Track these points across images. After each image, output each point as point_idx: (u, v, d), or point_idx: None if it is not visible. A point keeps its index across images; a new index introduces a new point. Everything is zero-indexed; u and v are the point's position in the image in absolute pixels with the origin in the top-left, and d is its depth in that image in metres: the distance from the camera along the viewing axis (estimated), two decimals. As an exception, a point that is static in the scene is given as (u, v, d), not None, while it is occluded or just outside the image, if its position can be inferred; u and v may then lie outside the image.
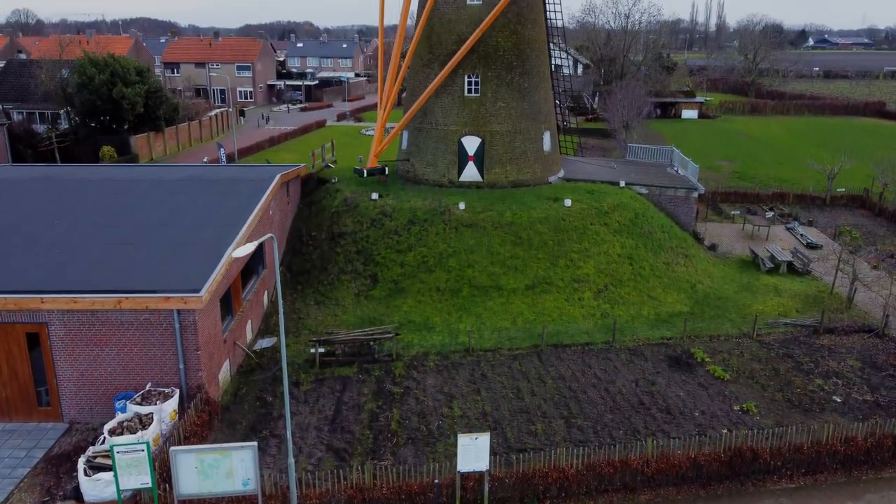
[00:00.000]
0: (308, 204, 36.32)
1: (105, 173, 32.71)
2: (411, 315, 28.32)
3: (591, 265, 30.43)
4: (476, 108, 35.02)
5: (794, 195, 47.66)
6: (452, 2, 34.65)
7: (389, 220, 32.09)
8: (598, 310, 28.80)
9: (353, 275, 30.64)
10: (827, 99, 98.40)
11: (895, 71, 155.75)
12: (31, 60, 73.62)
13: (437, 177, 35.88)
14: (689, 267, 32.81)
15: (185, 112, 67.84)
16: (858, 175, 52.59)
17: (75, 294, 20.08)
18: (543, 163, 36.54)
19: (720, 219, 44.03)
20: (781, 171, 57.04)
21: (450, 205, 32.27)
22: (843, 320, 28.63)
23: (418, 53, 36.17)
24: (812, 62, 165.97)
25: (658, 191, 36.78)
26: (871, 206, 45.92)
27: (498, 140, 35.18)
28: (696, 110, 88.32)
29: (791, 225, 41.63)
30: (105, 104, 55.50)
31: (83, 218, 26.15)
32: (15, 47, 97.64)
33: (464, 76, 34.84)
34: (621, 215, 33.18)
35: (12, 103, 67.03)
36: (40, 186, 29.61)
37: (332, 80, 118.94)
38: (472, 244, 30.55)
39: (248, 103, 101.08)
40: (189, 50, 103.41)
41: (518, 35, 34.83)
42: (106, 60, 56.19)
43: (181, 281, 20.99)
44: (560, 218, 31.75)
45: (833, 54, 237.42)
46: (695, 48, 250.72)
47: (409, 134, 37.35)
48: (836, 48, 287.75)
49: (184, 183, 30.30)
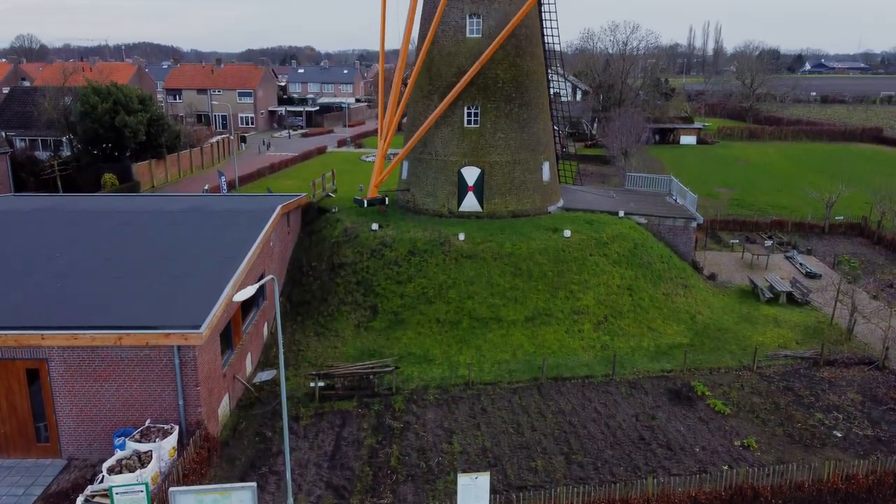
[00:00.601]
0: (308, 233, 36.46)
1: (107, 204, 32.89)
2: (411, 347, 28.32)
3: (591, 296, 30.48)
4: (476, 139, 35.30)
5: (793, 223, 47.83)
6: (452, 35, 35.09)
7: (389, 250, 32.20)
8: (598, 342, 28.80)
9: (353, 306, 30.67)
10: (824, 125, 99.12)
11: (892, 95, 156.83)
12: (35, 88, 74.37)
13: (436, 207, 36.07)
14: (689, 297, 32.86)
15: (186, 139, 68.35)
16: (857, 202, 52.87)
17: (76, 330, 20.11)
18: (543, 193, 36.74)
19: (719, 247, 44.15)
20: (780, 198, 57.29)
21: (450, 235, 32.39)
22: (843, 352, 28.62)
23: (418, 85, 36.53)
24: (809, 87, 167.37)
25: (657, 220, 36.93)
26: (869, 234, 46.05)
27: (497, 170, 35.42)
28: (694, 136, 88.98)
29: (790, 254, 41.73)
30: (107, 132, 55.94)
31: (85, 250, 26.24)
32: (19, 74, 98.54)
33: (463, 107, 35.17)
34: (620, 246, 33.29)
35: (15, 130, 67.62)
36: (42, 218, 29.77)
37: (333, 105, 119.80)
38: (472, 275, 30.62)
39: (249, 129, 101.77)
40: (191, 76, 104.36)
41: (517, 67, 35.22)
42: (109, 89, 56.76)
43: (182, 316, 21.02)
44: (559, 249, 31.86)
45: (830, 79, 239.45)
46: (692, 72, 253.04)
47: (409, 164, 37.60)
48: (832, 73, 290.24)
49: (185, 214, 30.47)
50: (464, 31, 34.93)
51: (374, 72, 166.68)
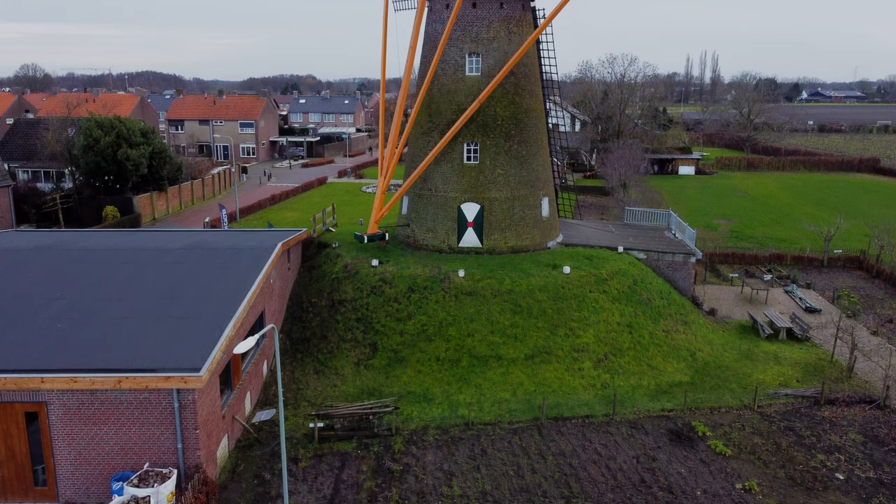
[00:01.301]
0: (308, 269, 36.55)
1: (108, 241, 32.99)
2: (411, 386, 28.26)
3: (591, 334, 30.48)
4: (475, 176, 35.55)
5: (792, 256, 47.94)
6: (452, 73, 35.52)
7: (389, 287, 32.26)
8: (599, 380, 28.74)
9: (353, 343, 30.66)
10: (822, 155, 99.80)
11: (888, 125, 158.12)
12: (38, 120, 74.94)
13: (436, 242, 36.21)
14: (689, 334, 32.85)
15: (188, 171, 68.76)
16: (855, 235, 53.11)
17: (75, 373, 20.12)
18: (542, 228, 36.91)
19: (719, 281, 44.22)
20: (778, 230, 57.49)
21: (449, 272, 32.48)
22: (843, 390, 28.55)
23: (418, 122, 36.89)
24: (806, 116, 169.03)
25: (656, 256, 37.04)
26: (868, 267, 46.15)
27: (497, 207, 35.62)
28: (692, 166, 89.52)
29: (789, 288, 41.79)
30: (110, 165, 56.31)
31: (86, 290, 26.30)
32: (23, 106, 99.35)
33: (463, 144, 35.48)
34: (620, 282, 33.37)
35: (18, 162, 68.08)
36: (44, 256, 29.89)
37: (334, 135, 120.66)
38: (472, 313, 30.65)
39: (250, 159, 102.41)
40: (193, 107, 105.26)
41: (516, 105, 35.59)
42: (112, 122, 57.25)
43: (181, 358, 21.04)
44: (559, 286, 31.93)
45: (827, 107, 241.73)
46: (690, 101, 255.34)
47: (409, 200, 37.82)
48: (829, 101, 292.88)
49: (185, 252, 30.57)
50: (463, 69, 35.37)
51: (374, 101, 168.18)
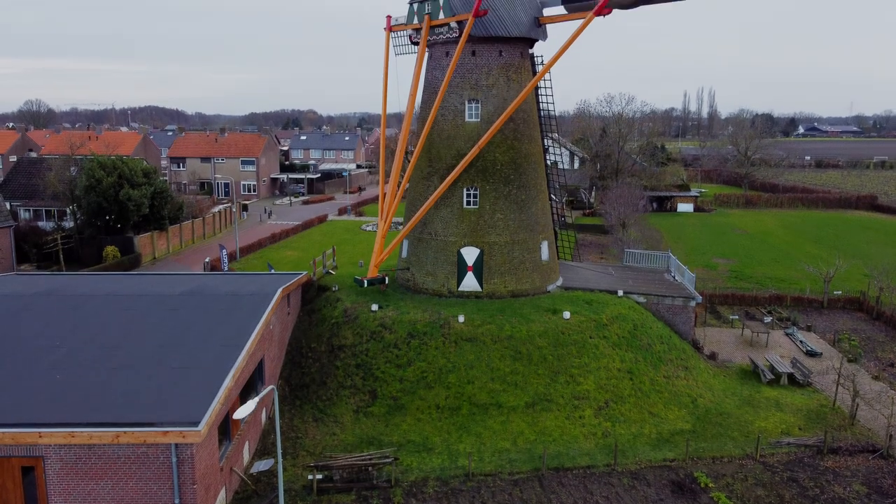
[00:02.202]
0: (308, 312, 36.52)
1: (107, 286, 33.03)
2: (410, 434, 28.06)
3: (592, 381, 30.35)
4: (475, 220, 35.74)
5: (792, 297, 47.93)
6: (451, 119, 35.93)
7: (389, 332, 32.21)
8: (600, 428, 28.54)
9: (353, 390, 30.51)
10: (820, 192, 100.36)
11: (885, 160, 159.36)
12: (41, 158, 75.58)
13: (436, 286, 36.24)
14: (690, 380, 32.72)
15: (188, 210, 69.08)
16: (854, 275, 53.15)
17: (73, 428, 20.02)
18: (542, 272, 36.98)
19: (719, 323, 44.15)
20: (778, 269, 57.56)
21: (449, 317, 32.45)
22: (846, 439, 28.35)
23: (418, 166, 37.21)
24: (803, 151, 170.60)
25: (656, 300, 37.05)
26: (868, 309, 46.11)
27: (496, 251, 35.74)
28: (691, 204, 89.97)
29: (790, 330, 41.72)
30: (111, 205, 56.63)
31: (85, 339, 26.28)
32: (26, 144, 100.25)
33: (463, 189, 35.73)
34: (620, 327, 33.33)
35: (20, 200, 68.50)
36: (43, 303, 29.91)
37: (334, 172, 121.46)
38: (472, 359, 30.57)
39: (251, 196, 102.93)
40: (195, 145, 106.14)
41: (515, 150, 35.93)
42: (114, 162, 57.72)
43: (180, 411, 20.95)
44: (559, 331, 31.88)
45: (823, 142, 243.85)
46: (688, 136, 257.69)
47: (409, 243, 37.96)
48: (826, 136, 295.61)
49: (185, 298, 30.60)
50: (463, 115, 35.79)
51: (375, 136, 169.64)
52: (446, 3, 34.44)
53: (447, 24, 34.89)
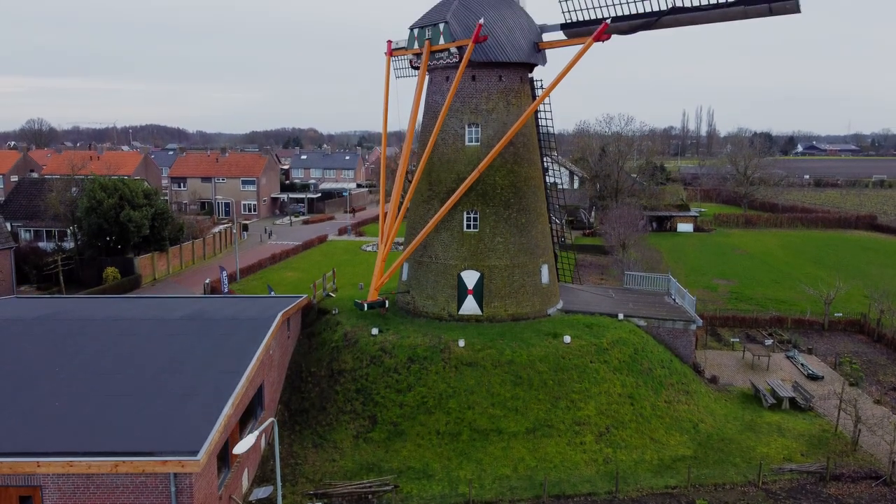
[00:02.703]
0: (308, 336, 36.45)
1: (107, 310, 32.99)
2: (410, 460, 27.89)
3: (592, 406, 30.22)
4: (475, 244, 35.76)
5: (793, 319, 47.86)
6: (452, 143, 36.07)
7: (389, 357, 32.12)
8: (601, 454, 28.38)
9: (352, 415, 30.38)
10: (819, 211, 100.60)
11: (883, 179, 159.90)
12: (42, 179, 75.78)
13: (436, 310, 36.19)
14: (691, 405, 32.58)
15: (189, 230, 69.18)
16: (855, 296, 53.12)
17: (72, 457, 19.92)
18: (542, 295, 36.95)
19: (720, 346, 44.05)
20: (778, 291, 57.54)
21: (450, 341, 32.37)
22: (849, 465, 28.17)
23: (419, 190, 37.30)
24: (802, 169, 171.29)
25: (657, 323, 36.98)
26: (869, 331, 46.03)
27: (497, 274, 35.73)
28: (691, 224, 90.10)
29: (791, 353, 41.61)
30: (112, 227, 56.72)
31: (84, 365, 26.22)
32: (28, 164, 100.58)
33: (463, 212, 35.79)
34: (621, 351, 33.24)
35: (21, 221, 68.66)
36: (43, 328, 29.86)
37: (334, 191, 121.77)
38: (472, 384, 30.46)
39: (251, 216, 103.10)
40: (196, 165, 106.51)
41: (515, 174, 36.04)
42: (115, 184, 57.90)
43: (179, 440, 20.84)
44: (560, 356, 31.80)
45: (822, 161, 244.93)
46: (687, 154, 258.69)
47: (409, 266, 37.96)
48: (824, 154, 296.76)
49: (185, 323, 30.56)
50: (463, 139, 35.94)
51: (375, 155, 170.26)
52: (446, 29, 34.72)
53: (447, 50, 35.14)
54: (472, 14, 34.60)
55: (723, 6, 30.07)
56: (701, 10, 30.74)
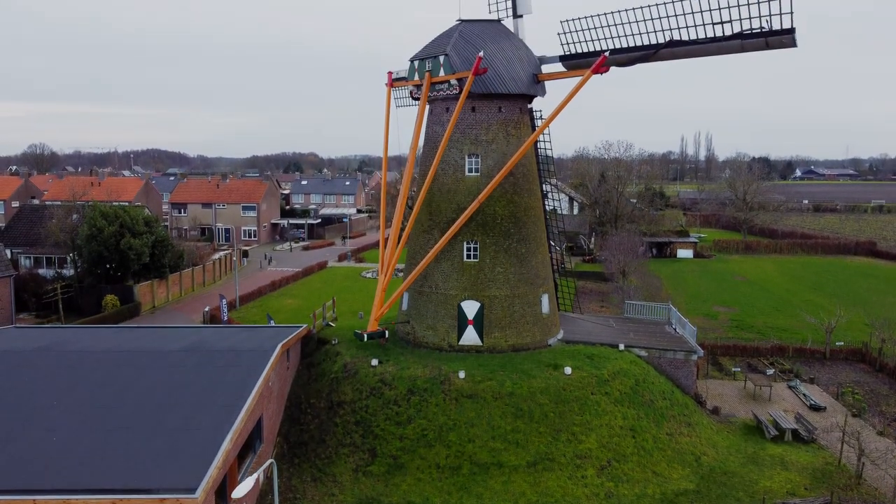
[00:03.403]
0: (308, 366, 36.29)
1: (106, 342, 32.90)
2: (410, 495, 27.62)
3: (594, 439, 30.00)
4: (475, 274, 35.76)
5: (794, 348, 47.67)
6: (452, 173, 36.22)
7: (389, 388, 31.94)
8: (602, 489, 28.11)
9: (352, 448, 30.14)
10: (819, 237, 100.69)
11: (882, 204, 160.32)
12: (43, 206, 75.96)
13: (437, 340, 36.08)
14: (693, 437, 32.34)
15: (189, 257, 69.17)
16: (856, 324, 52.99)
17: (69, 495, 19.80)
18: (542, 326, 36.85)
19: (721, 375, 43.84)
20: (779, 318, 57.40)
21: (450, 373, 32.21)
22: (853, 499, 27.89)
23: (419, 220, 37.37)
24: (801, 194, 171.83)
25: (658, 354, 36.85)
26: (871, 360, 45.83)
27: (497, 304, 35.67)
28: (691, 250, 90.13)
29: (793, 383, 41.40)
30: (112, 254, 56.72)
31: (82, 397, 26.08)
32: (29, 190, 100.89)
33: (463, 243, 35.83)
34: (622, 383, 33.07)
35: (21, 248, 68.64)
36: (41, 359, 29.72)
37: (335, 217, 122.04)
38: (473, 417, 30.26)
39: (251, 242, 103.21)
40: (197, 191, 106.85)
41: (515, 204, 36.14)
42: (116, 212, 58.00)
43: (177, 476, 20.68)
44: (560, 387, 31.63)
45: (821, 185, 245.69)
46: (686, 178, 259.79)
47: (409, 296, 37.91)
48: (823, 179, 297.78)
49: (184, 355, 30.40)
50: (463, 169, 36.09)
51: (375, 180, 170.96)
52: (446, 61, 35.03)
53: (447, 81, 35.44)
54: (472, 47, 34.95)
55: (720, 40, 30.36)
56: (698, 44, 31.05)
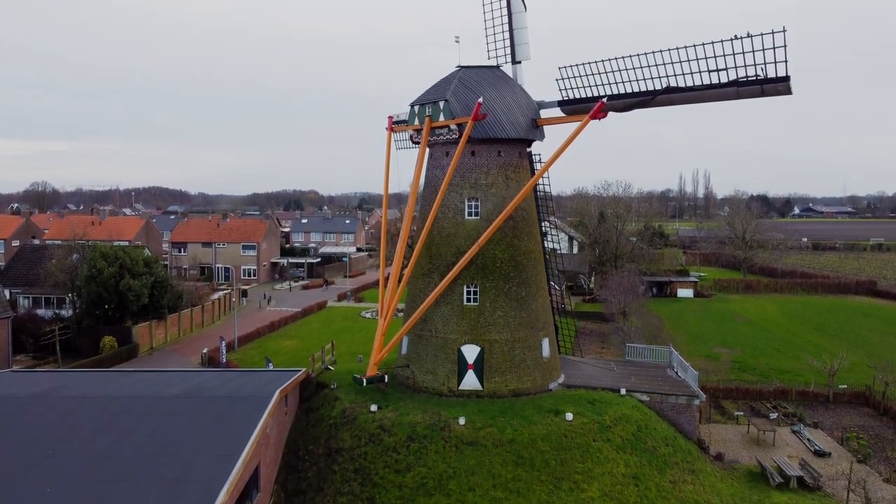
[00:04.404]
0: (306, 411, 35.87)
1: (102, 387, 32.57)
2: (409, 546, 27.06)
3: (596, 488, 29.52)
4: (475, 318, 35.60)
5: (797, 391, 47.24)
6: (451, 217, 36.32)
7: (388, 435, 31.54)
8: (605, 540, 27.57)
9: (350, 497, 29.63)
10: (819, 277, 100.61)
11: (881, 242, 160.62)
12: (43, 246, 76.07)
13: (436, 385, 35.76)
14: (697, 485, 31.83)
15: (188, 297, 69.02)
16: (859, 366, 52.61)
17: (60, 551, 19.32)
18: (543, 370, 36.56)
19: (724, 419, 43.36)
20: (781, 360, 57.00)
21: (450, 419, 31.85)
22: (861, 551, 27.35)
23: (419, 263, 37.35)
24: (800, 232, 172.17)
25: (660, 398, 36.48)
26: (874, 404, 45.40)
27: (497, 349, 35.45)
28: (691, 289, 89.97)
29: (797, 428, 40.92)
30: (111, 295, 56.62)
31: (78, 447, 25.71)
32: (30, 230, 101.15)
33: (463, 286, 35.75)
34: (624, 429, 32.67)
35: (21, 288, 68.53)
36: (36, 407, 29.40)
37: (334, 256, 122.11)
38: (473, 464, 29.81)
39: (251, 281, 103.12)
40: (197, 230, 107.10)
41: (514, 248, 36.16)
42: (116, 253, 58.07)
43: (172, 531, 20.28)
44: (562, 434, 31.23)
45: (819, 223, 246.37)
46: (685, 216, 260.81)
47: (409, 340, 37.69)
48: (821, 216, 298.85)
49: (181, 401, 30.08)
50: (463, 213, 36.19)
51: (375, 218, 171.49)
52: (446, 106, 35.40)
53: (447, 126, 35.77)
54: (472, 93, 35.36)
55: (716, 87, 30.73)
56: (695, 91, 31.40)
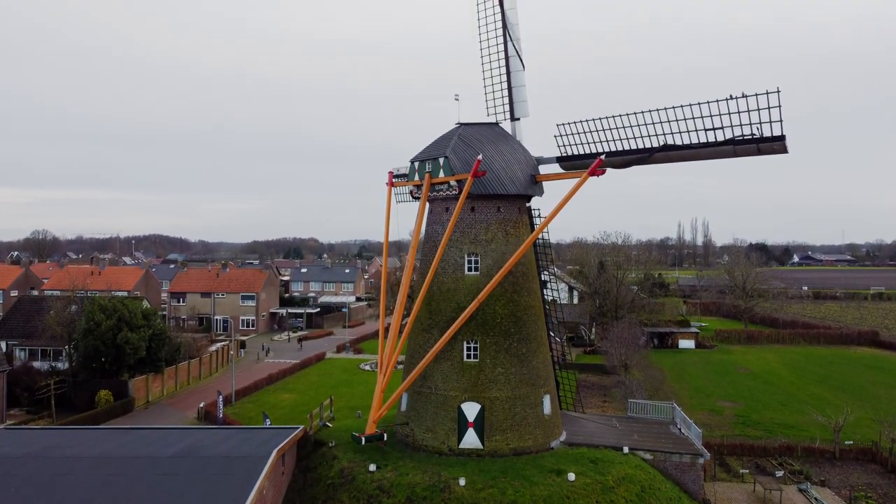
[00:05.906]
0: (303, 470, 35.24)
1: (97, 446, 32.02)
2: None
3: (600, 552, 28.78)
4: (475, 374, 35.24)
5: (803, 447, 46.42)
6: (451, 272, 36.28)
7: (387, 497, 30.89)
8: None
9: (348, 562, 28.85)
10: (820, 327, 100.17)
11: (882, 291, 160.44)
12: (42, 297, 75.84)
13: (436, 443, 35.18)
14: (703, 548, 31.03)
15: (186, 349, 68.46)
16: (865, 420, 51.87)
17: None
18: (544, 428, 36.02)
19: (729, 477, 42.51)
20: (786, 414, 56.26)
21: (450, 479, 31.23)
22: None
23: (419, 319, 37.15)
24: (800, 280, 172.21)
25: (663, 457, 35.86)
26: (881, 460, 44.59)
27: (498, 406, 34.99)
28: (692, 340, 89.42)
29: (803, 486, 40.11)
30: (109, 349, 56.17)
31: (69, 511, 25.18)
32: (29, 280, 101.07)
33: (463, 342, 35.48)
34: (627, 490, 32.01)
35: (18, 339, 67.99)
36: (29, 468, 28.89)
37: (333, 305, 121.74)
38: (474, 528, 29.11)
39: (249, 331, 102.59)
40: (196, 280, 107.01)
41: (514, 303, 36.02)
42: (115, 305, 57.77)
43: None
44: (564, 496, 30.57)
45: (819, 272, 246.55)
46: (685, 264, 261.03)
47: (408, 397, 37.24)
48: (821, 265, 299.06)
49: (176, 461, 29.58)
50: (462, 268, 36.17)
51: (375, 266, 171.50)
52: (446, 163, 35.72)
53: (447, 183, 36.03)
54: (471, 149, 35.72)
55: (713, 145, 31.07)
56: (692, 149, 31.75)
